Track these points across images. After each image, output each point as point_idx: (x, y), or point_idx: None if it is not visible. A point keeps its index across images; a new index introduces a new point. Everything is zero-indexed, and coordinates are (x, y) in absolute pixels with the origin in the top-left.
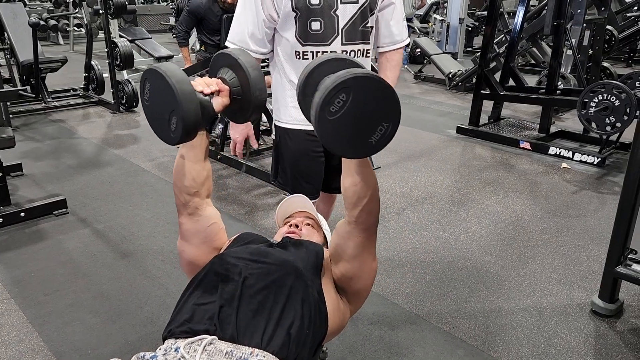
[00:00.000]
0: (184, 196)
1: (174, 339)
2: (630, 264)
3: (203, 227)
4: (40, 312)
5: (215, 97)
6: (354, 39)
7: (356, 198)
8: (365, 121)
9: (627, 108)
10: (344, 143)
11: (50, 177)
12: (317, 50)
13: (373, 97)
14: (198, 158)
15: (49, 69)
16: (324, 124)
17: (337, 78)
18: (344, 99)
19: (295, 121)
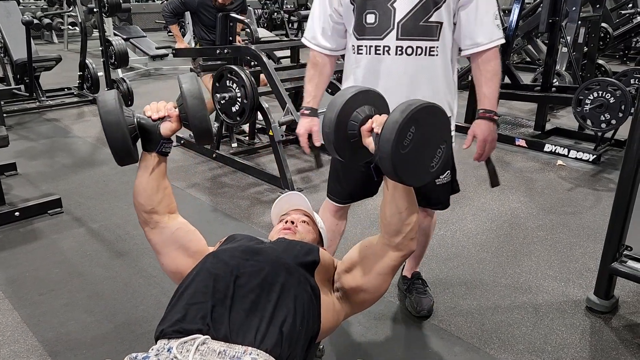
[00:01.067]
0: (142, 214)
1: (166, 339)
2: (626, 260)
3: (169, 235)
4: (35, 311)
5: (165, 122)
6: (413, 34)
7: (401, 225)
8: (428, 148)
9: (622, 105)
10: (412, 173)
11: (44, 176)
12: (371, 45)
13: (433, 124)
14: (152, 178)
15: (43, 68)
16: (398, 160)
17: (406, 113)
18: (413, 132)
19: None
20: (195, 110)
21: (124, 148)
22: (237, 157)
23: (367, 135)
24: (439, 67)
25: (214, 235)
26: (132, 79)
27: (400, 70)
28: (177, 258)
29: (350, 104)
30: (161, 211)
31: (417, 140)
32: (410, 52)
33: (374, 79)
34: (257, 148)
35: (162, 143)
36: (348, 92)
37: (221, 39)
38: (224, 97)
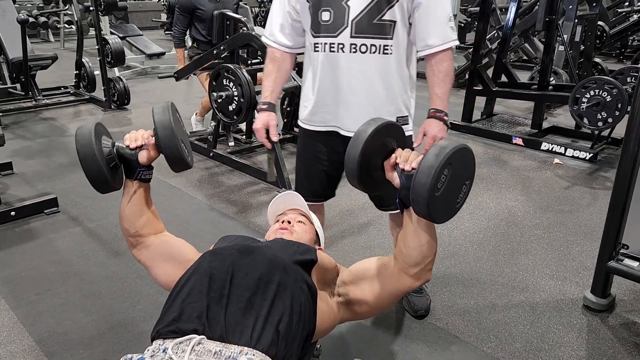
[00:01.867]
0: (128, 238)
1: (161, 339)
2: (622, 258)
3: (156, 250)
4: (32, 311)
5: (142, 150)
6: (366, 32)
7: (421, 257)
8: (456, 186)
9: (619, 103)
10: (442, 212)
11: (41, 175)
12: (327, 42)
13: (463, 164)
14: (134, 204)
15: (39, 67)
16: (432, 202)
17: (441, 157)
18: (446, 174)
19: (303, 119)
20: (167, 141)
21: (99, 179)
22: (234, 156)
23: (391, 170)
24: (393, 66)
25: (211, 235)
26: (129, 77)
27: (354, 68)
28: (169, 269)
29: (372, 140)
30: (146, 234)
31: (449, 181)
32: (364, 50)
33: (331, 76)
34: (254, 147)
35: (140, 171)
36: (370, 128)
37: (218, 37)
38: (221, 96)
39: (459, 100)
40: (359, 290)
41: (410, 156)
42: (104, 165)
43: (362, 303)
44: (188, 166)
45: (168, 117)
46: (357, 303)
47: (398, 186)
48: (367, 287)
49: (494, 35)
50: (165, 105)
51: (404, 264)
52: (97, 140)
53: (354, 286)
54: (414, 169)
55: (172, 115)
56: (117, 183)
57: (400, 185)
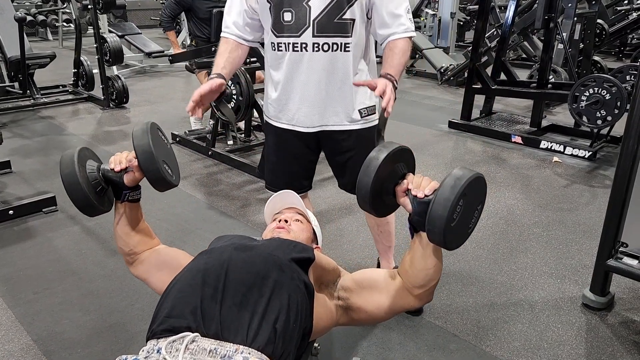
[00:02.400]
0: (124, 256)
1: (155, 339)
2: (621, 257)
3: (151, 261)
4: (30, 310)
5: (127, 173)
6: (327, 31)
7: (427, 280)
8: (472, 214)
9: (618, 102)
10: (456, 240)
11: (39, 174)
12: (289, 42)
13: (476, 192)
14: (125, 224)
15: (37, 65)
16: (448, 232)
17: (456, 189)
18: (462, 204)
19: (271, 116)
20: (147, 164)
21: (84, 205)
22: (232, 154)
23: (402, 196)
24: (351, 62)
25: (210, 233)
26: (127, 76)
27: (317, 66)
28: (163, 277)
29: (384, 166)
30: (140, 251)
31: (463, 210)
32: (326, 49)
33: (295, 75)
34: (252, 145)
35: (125, 193)
36: (381, 155)
37: (217, 35)
38: None
39: (458, 99)
40: (361, 299)
41: (422, 182)
42: (90, 190)
43: (361, 311)
44: (172, 186)
45: (147, 140)
46: (356, 311)
47: (410, 212)
48: (369, 298)
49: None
50: (144, 128)
51: (408, 285)
52: (80, 167)
53: (356, 294)
54: (426, 195)
55: (151, 138)
56: (106, 205)
57: (412, 210)
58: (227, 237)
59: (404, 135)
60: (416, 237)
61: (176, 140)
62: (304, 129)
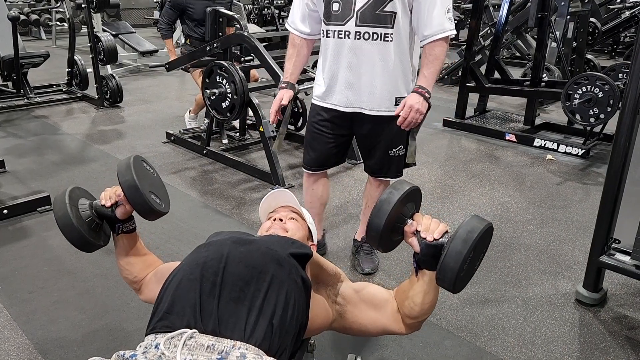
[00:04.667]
0: (131, 285)
1: (154, 334)
2: (614, 253)
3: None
4: (25, 309)
5: (119, 206)
6: (369, 21)
7: (421, 313)
8: (476, 260)
9: (611, 100)
10: (463, 284)
11: (33, 173)
12: (335, 30)
13: (485, 240)
14: (125, 255)
15: (31, 64)
16: (459, 281)
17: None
18: (472, 256)
19: (316, 95)
20: (133, 199)
21: (82, 243)
22: (227, 153)
23: (411, 236)
24: (393, 52)
25: (205, 232)
26: (122, 75)
27: (358, 53)
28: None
29: (395, 209)
30: (143, 277)
31: (472, 259)
32: (367, 37)
33: (339, 60)
34: (247, 144)
35: (119, 226)
36: (393, 198)
37: (211, 35)
38: (214, 93)
39: (452, 97)
40: (357, 311)
41: (431, 225)
42: (85, 229)
43: (354, 323)
44: (162, 214)
45: (131, 175)
46: (350, 321)
47: (418, 251)
48: (366, 312)
49: (486, 32)
50: (127, 163)
51: (403, 313)
52: (72, 207)
53: (354, 305)
54: (435, 239)
55: (135, 172)
56: (102, 240)
57: (420, 251)
58: (226, 232)
59: None
60: (420, 274)
61: (171, 139)
62: (342, 108)
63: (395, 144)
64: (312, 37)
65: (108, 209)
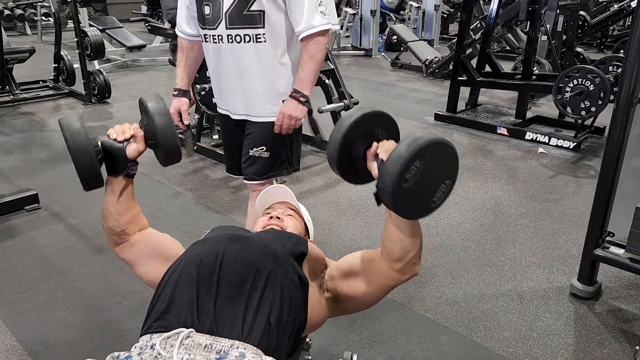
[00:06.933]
0: (111, 237)
1: (149, 334)
2: (608, 246)
3: (141, 248)
4: (14, 311)
5: (131, 144)
6: (238, 23)
7: (403, 252)
8: (432, 183)
9: (602, 92)
10: (413, 207)
11: (20, 171)
12: (210, 34)
13: (440, 160)
14: (120, 200)
15: (16, 60)
16: (398, 193)
17: (413, 147)
18: (418, 167)
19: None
20: (165, 127)
21: (92, 173)
22: (218, 149)
23: (372, 160)
24: (269, 53)
25: (196, 229)
26: (109, 70)
27: (233, 57)
28: (154, 267)
29: (358, 126)
30: (131, 230)
31: (420, 175)
32: (239, 40)
33: (218, 65)
34: None
35: (130, 166)
36: (356, 114)
37: None
38: (204, 88)
39: (443, 91)
40: (347, 286)
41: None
42: (95, 158)
43: (350, 299)
44: (180, 158)
45: (163, 104)
46: (346, 299)
47: (376, 177)
48: (355, 283)
49: (476, 25)
50: (155, 95)
51: (388, 259)
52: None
53: (343, 282)
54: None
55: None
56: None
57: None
58: (223, 227)
59: None
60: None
61: None
62: (232, 115)
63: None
64: (199, 39)
65: (119, 144)
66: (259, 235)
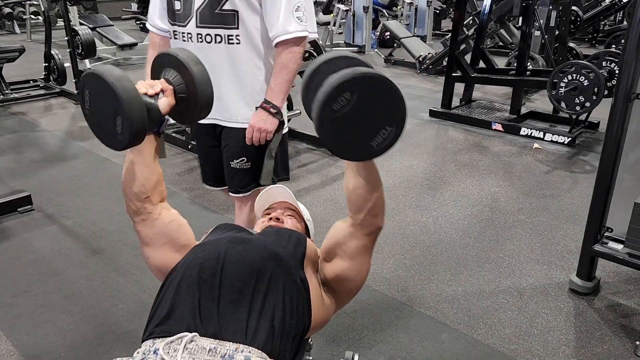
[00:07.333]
0: (134, 203)
1: (151, 339)
2: (607, 241)
3: (160, 230)
4: (9, 314)
5: (161, 98)
6: (209, 22)
7: (361, 201)
8: (368, 123)
9: (596, 88)
10: (344, 144)
11: (12, 172)
12: (178, 31)
13: (379, 99)
14: (147, 162)
15: (6, 59)
16: (325, 123)
17: (343, 76)
18: (348, 98)
19: None
20: (200, 75)
21: (142, 121)
22: None
23: None
24: (242, 55)
25: (193, 229)
26: None
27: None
28: (165, 252)
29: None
30: (155, 199)
31: (352, 109)
32: (209, 40)
33: None
34: None
35: (163, 121)
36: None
37: None
38: None
39: (437, 87)
40: (330, 267)
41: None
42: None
43: (339, 279)
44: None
45: (194, 54)
46: (336, 282)
47: None
48: (335, 260)
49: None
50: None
51: (350, 213)
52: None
53: (326, 265)
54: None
55: None
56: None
57: None
58: (225, 227)
59: None
60: None
61: None
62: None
63: (239, 155)
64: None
65: (151, 98)
66: (260, 237)
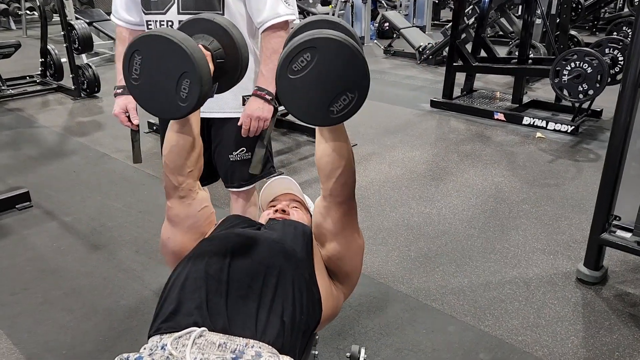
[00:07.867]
0: (176, 177)
1: (158, 335)
2: (615, 230)
3: (194, 212)
4: (8, 312)
5: None
6: (192, 7)
7: (329, 169)
8: (328, 87)
9: (599, 75)
10: (302, 106)
11: (10, 169)
12: (156, 20)
13: (340, 63)
14: (195, 132)
15: (2, 55)
16: (284, 82)
17: (305, 36)
18: (308, 59)
19: None
20: (240, 38)
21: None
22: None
23: None
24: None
25: None
26: (98, 64)
27: None
28: (189, 236)
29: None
30: (196, 174)
31: (311, 71)
32: None
33: None
34: None
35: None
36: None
37: None
38: None
39: (438, 78)
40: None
41: None
42: None
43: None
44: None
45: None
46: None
47: None
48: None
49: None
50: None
51: (321, 185)
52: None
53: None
54: None
55: None
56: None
57: None
58: (232, 220)
59: (387, 116)
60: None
61: (153, 128)
62: None
63: (237, 146)
64: (140, 28)
65: None
66: (267, 231)
